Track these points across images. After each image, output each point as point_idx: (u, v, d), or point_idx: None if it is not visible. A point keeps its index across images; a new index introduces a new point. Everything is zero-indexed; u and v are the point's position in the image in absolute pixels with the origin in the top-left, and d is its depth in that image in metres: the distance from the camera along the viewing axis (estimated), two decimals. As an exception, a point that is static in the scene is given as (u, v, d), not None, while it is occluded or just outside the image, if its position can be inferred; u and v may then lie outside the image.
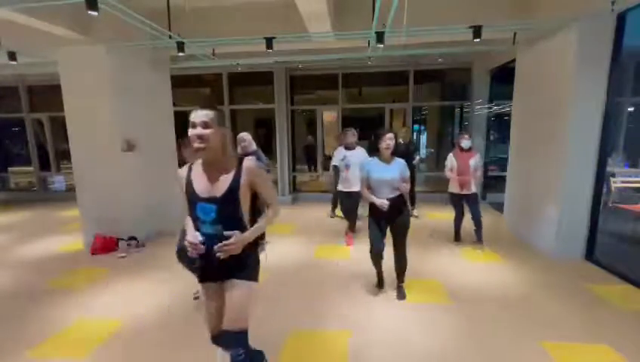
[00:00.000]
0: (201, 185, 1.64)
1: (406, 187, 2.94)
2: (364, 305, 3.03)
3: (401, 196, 2.96)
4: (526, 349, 2.41)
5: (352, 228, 4.78)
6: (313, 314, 2.90)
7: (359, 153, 4.54)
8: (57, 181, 8.61)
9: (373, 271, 3.24)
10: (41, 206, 7.45)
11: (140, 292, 3.38)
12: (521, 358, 2.32)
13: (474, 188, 4.25)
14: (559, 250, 3.95)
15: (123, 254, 4.35)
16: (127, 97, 4.66)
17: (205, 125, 1.55)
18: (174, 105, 5.94)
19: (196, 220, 1.67)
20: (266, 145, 8.80)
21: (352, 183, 4.44)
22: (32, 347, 2.52)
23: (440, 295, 3.21)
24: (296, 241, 4.80)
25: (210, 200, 1.61)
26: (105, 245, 4.48)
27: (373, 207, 2.95)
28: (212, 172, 1.64)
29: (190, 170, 1.70)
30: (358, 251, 4.30)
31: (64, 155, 8.12)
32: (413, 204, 5.64)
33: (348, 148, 4.67)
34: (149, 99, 5.13)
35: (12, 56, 4.58)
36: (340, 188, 4.71)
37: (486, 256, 4.14)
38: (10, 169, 8.91)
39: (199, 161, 1.69)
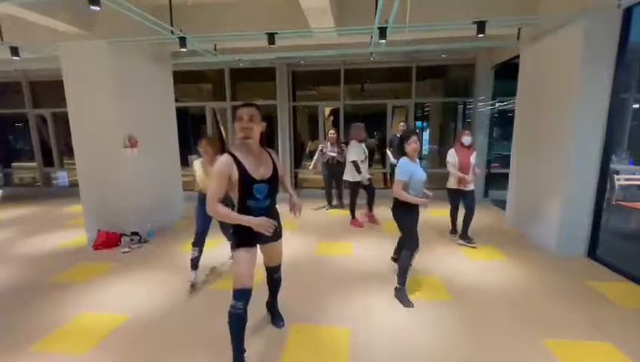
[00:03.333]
0: (252, 170, 2.03)
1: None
2: (365, 302, 3.03)
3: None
4: (528, 347, 2.41)
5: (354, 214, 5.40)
6: (314, 311, 2.91)
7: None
8: (60, 177, 8.65)
9: (374, 267, 3.25)
10: (45, 201, 7.49)
11: (143, 287, 3.40)
12: (524, 356, 2.32)
13: (472, 185, 4.27)
14: (562, 247, 3.94)
15: (126, 249, 4.37)
16: (129, 93, 4.66)
17: (250, 119, 1.99)
18: (176, 100, 5.94)
19: (251, 199, 2.06)
20: (268, 142, 8.80)
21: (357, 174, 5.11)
22: (35, 341, 2.55)
23: (441, 292, 3.20)
24: (297, 238, 4.80)
25: (264, 180, 2.06)
26: (107, 240, 4.51)
27: (410, 209, 2.97)
28: (256, 159, 2.06)
29: (236, 159, 2.01)
30: (359, 248, 4.31)
31: (67, 151, 8.17)
32: None
33: (362, 142, 5.14)
34: (151, 94, 5.13)
35: (15, 51, 4.58)
36: (352, 179, 5.21)
37: (488, 253, 4.13)
38: (13, 164, 8.96)
39: (238, 153, 2.02)
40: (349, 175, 5.23)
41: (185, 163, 6.67)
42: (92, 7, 3.10)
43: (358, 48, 5.30)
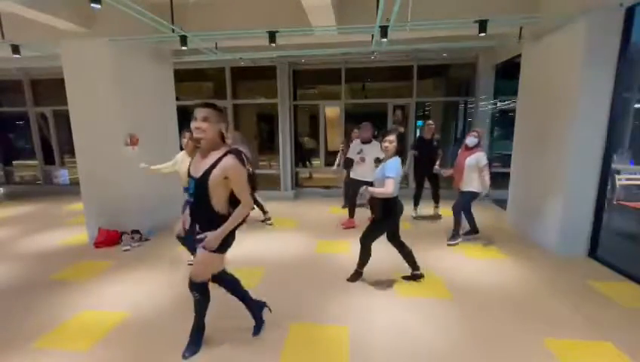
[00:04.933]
0: (193, 165, 2.13)
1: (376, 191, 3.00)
2: (364, 300, 3.03)
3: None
4: (529, 346, 2.41)
5: (352, 215, 5.19)
6: (314, 308, 2.91)
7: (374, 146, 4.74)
8: (61, 174, 8.66)
9: (374, 265, 3.29)
10: (45, 199, 7.50)
11: (143, 285, 3.40)
12: (524, 355, 2.32)
13: (466, 187, 4.18)
14: (563, 246, 3.93)
15: (126, 247, 4.38)
16: (129, 91, 4.66)
17: (204, 119, 2.00)
18: (177, 99, 5.94)
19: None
20: (269, 141, 8.79)
21: (366, 173, 4.67)
22: (35, 338, 2.55)
23: (441, 291, 3.20)
24: (297, 236, 4.81)
25: (193, 177, 2.09)
26: (108, 238, 4.51)
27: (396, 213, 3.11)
28: (203, 157, 2.09)
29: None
30: (358, 246, 4.30)
31: (68, 149, 8.18)
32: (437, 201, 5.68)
33: (364, 142, 4.85)
34: (151, 92, 5.12)
35: (15, 49, 4.58)
36: (352, 175, 4.97)
37: (488, 252, 4.13)
38: (14, 162, 8.96)
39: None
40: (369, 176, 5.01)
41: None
42: (93, 6, 3.10)
43: (359, 47, 5.29)
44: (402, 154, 3.08)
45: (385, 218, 3.10)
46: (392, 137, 2.98)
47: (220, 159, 2.02)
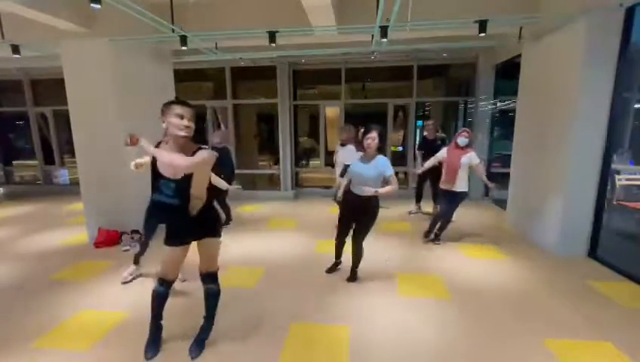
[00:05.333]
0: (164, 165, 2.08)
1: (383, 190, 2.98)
2: (364, 300, 3.03)
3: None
4: (528, 346, 2.41)
5: None
6: (314, 308, 2.91)
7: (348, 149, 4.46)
8: (61, 174, 8.66)
9: (372, 265, 3.28)
10: (45, 199, 7.50)
11: (142, 285, 3.40)
12: (523, 355, 2.32)
13: (459, 188, 4.15)
14: (562, 247, 3.93)
15: (126, 247, 4.38)
16: (130, 91, 4.66)
17: (191, 119, 2.06)
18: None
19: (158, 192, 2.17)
20: (269, 141, 8.80)
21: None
22: (35, 338, 2.55)
23: (441, 291, 3.20)
24: (297, 236, 4.81)
25: (172, 179, 2.07)
26: (108, 238, 4.51)
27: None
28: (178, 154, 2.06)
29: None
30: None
31: (68, 149, 8.18)
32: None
33: (342, 144, 4.70)
34: (152, 92, 5.11)
35: (15, 49, 4.58)
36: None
37: (488, 252, 4.12)
38: (14, 162, 8.96)
39: (165, 145, 2.17)
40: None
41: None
42: (93, 6, 3.09)
43: (359, 47, 5.29)
44: (382, 151, 3.10)
45: (375, 216, 3.14)
46: (374, 134, 2.98)
47: (197, 153, 2.07)
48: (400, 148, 7.93)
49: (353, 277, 3.40)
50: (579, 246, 3.92)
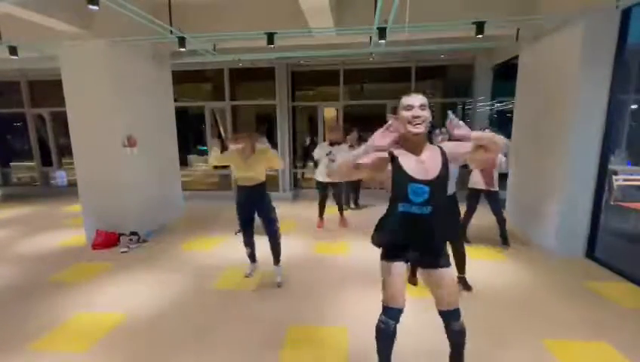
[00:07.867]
0: (411, 166, 1.65)
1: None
2: (363, 301, 3.03)
3: None
4: (527, 346, 2.41)
5: (322, 216, 5.29)
6: (313, 310, 2.90)
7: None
8: (59, 176, 8.63)
9: (371, 266, 3.27)
10: (43, 201, 7.47)
11: (141, 286, 3.39)
12: (522, 355, 2.33)
13: (496, 186, 4.11)
14: (560, 247, 3.94)
15: (124, 249, 4.36)
16: (128, 92, 4.66)
17: (423, 107, 1.63)
18: (175, 100, 5.93)
19: (404, 200, 1.67)
20: (268, 141, 8.76)
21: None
22: (33, 340, 2.54)
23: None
24: (296, 237, 4.80)
25: (424, 182, 1.62)
26: (106, 240, 4.50)
27: None
28: (419, 154, 1.68)
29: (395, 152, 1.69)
30: (358, 247, 4.30)
31: (66, 151, 8.15)
32: None
33: (333, 143, 4.87)
34: (150, 94, 5.12)
35: (13, 50, 4.56)
36: (319, 178, 5.00)
37: (487, 253, 4.13)
38: (12, 164, 8.93)
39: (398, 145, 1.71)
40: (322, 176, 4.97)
41: (184, 163, 6.63)
42: (90, 7, 3.09)
43: (357, 48, 5.30)
44: None
45: None
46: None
47: (438, 150, 1.74)
48: None
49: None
50: (577, 246, 3.93)
